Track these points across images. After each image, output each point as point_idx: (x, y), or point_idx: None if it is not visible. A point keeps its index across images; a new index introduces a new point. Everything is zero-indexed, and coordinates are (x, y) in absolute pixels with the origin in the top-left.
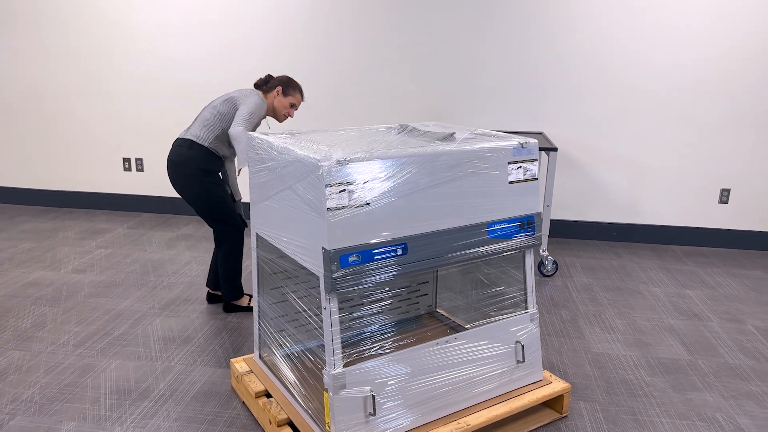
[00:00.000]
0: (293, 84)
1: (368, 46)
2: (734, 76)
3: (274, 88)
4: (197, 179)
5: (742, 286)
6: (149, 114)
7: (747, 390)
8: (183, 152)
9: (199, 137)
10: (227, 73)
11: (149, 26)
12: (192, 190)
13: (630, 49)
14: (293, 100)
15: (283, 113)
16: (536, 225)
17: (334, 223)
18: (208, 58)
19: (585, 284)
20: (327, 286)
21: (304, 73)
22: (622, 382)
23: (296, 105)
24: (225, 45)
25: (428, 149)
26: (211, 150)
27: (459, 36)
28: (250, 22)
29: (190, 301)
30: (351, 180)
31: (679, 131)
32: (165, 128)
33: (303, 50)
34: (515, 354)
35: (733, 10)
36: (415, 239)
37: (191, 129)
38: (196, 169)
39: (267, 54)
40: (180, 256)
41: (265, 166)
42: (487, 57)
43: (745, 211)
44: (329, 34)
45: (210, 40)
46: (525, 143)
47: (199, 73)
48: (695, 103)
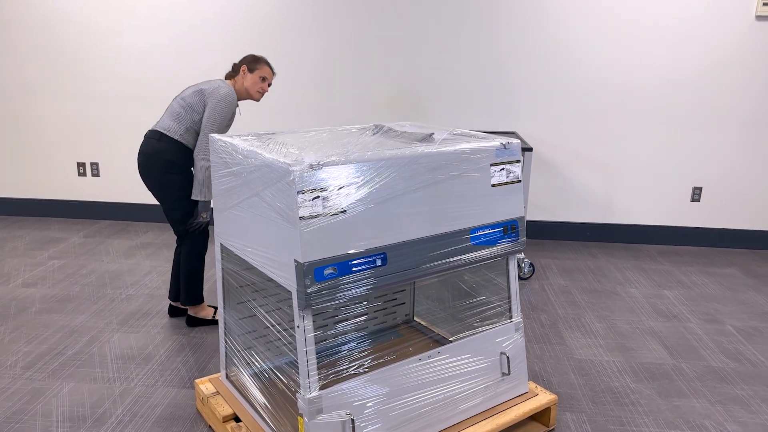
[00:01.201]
0: (257, 58)
1: (337, 44)
2: (704, 76)
3: (239, 70)
4: (164, 172)
5: (717, 285)
6: (104, 115)
7: (733, 394)
8: (152, 144)
9: (168, 129)
10: (187, 71)
11: (102, 23)
12: (158, 183)
13: (602, 49)
14: (262, 74)
15: (257, 90)
16: (520, 230)
17: (307, 233)
18: (166, 55)
19: (562, 287)
20: (300, 302)
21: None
22: (608, 390)
23: (267, 78)
24: (184, 42)
25: (407, 151)
26: (181, 143)
27: (430, 35)
28: (211, 18)
29: (150, 315)
30: (325, 186)
31: (650, 130)
32: (122, 130)
33: (268, 48)
34: (500, 366)
35: (706, 10)
36: (395, 248)
37: (161, 121)
38: (163, 161)
39: (228, 51)
40: (139, 266)
41: (229, 171)
42: (459, 56)
43: (717, 209)
44: (297, 32)
45: (168, 38)
46: (507, 144)
47: (157, 71)
48: (666, 102)
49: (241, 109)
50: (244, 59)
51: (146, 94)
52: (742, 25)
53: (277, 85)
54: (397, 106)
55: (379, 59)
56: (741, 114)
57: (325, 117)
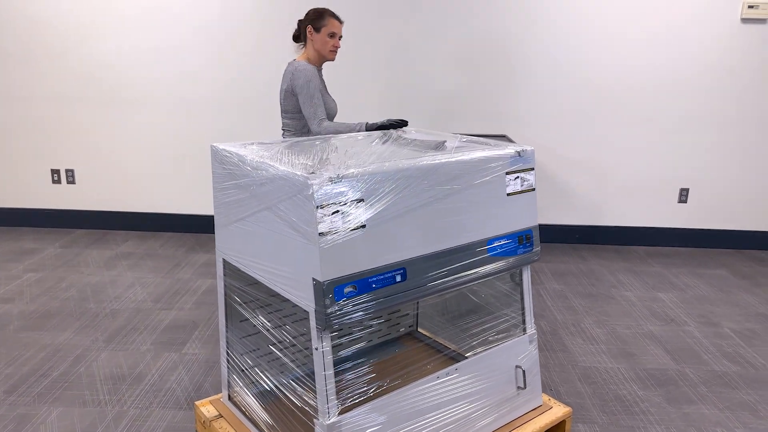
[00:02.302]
0: (320, 13)
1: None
2: (691, 79)
3: (305, 32)
4: None
5: (709, 286)
6: (80, 120)
7: (740, 400)
8: None
9: (287, 125)
10: (168, 74)
11: (77, 24)
12: None
13: (591, 53)
14: (330, 29)
15: (329, 50)
16: (534, 239)
17: (326, 250)
18: (143, 58)
19: (558, 291)
20: (320, 323)
21: (253, 77)
22: (617, 399)
23: (336, 32)
24: (165, 44)
25: (426, 161)
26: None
27: (416, 38)
28: (193, 19)
29: (138, 331)
30: (344, 199)
31: (637, 133)
32: (99, 135)
33: (254, 50)
34: (516, 380)
35: (692, 14)
36: (414, 263)
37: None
38: None
39: (211, 52)
40: (121, 278)
41: (235, 183)
42: (447, 59)
43: (704, 210)
44: (287, 35)
45: (147, 39)
46: (522, 151)
47: (134, 74)
48: (653, 105)
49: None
50: (307, 17)
51: (124, 98)
52: (728, 28)
53: (269, 89)
54: (389, 111)
55: (368, 63)
56: (727, 116)
57: None
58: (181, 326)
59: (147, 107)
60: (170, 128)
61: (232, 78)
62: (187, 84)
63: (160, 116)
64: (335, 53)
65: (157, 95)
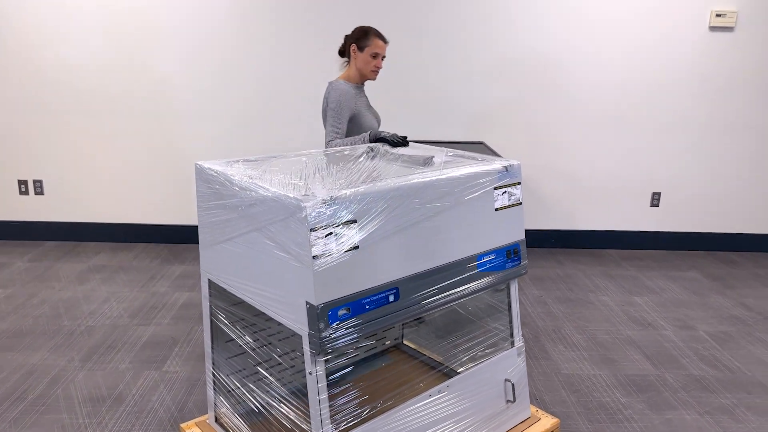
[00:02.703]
0: (365, 32)
1: (297, 55)
2: (661, 85)
3: (350, 49)
4: None
5: (682, 289)
6: (46, 129)
7: (719, 404)
8: None
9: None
10: (137, 82)
11: (45, 31)
12: None
13: (564, 61)
14: (373, 50)
15: (370, 70)
16: (522, 253)
17: (320, 273)
18: (113, 64)
19: (537, 297)
20: (314, 347)
21: (229, 84)
22: (601, 407)
23: (380, 53)
24: (134, 52)
25: (418, 178)
26: None
27: (393, 44)
28: (162, 26)
29: (116, 348)
30: (337, 221)
31: (610, 139)
32: (67, 145)
33: (224, 58)
34: (505, 394)
35: (662, 22)
36: (407, 281)
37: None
38: None
39: (181, 60)
40: (95, 293)
41: (222, 203)
42: (426, 67)
43: (675, 213)
44: (259, 40)
45: (116, 47)
46: (509, 166)
47: (104, 81)
48: (625, 111)
49: (198, 117)
50: (352, 34)
51: (93, 107)
52: (697, 35)
53: (239, 97)
54: None
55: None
56: (695, 121)
57: (291, 129)
58: (160, 342)
59: (117, 115)
60: (142, 136)
61: (207, 85)
62: (159, 91)
63: (131, 124)
64: (376, 73)
65: (127, 103)
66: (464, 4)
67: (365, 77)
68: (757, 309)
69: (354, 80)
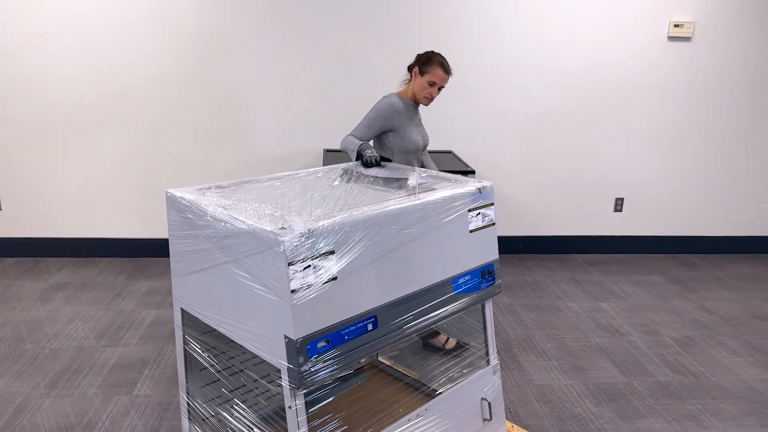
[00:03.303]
0: (430, 58)
1: (262, 65)
2: (622, 93)
3: (413, 70)
4: None
5: (647, 294)
6: (2, 142)
7: (685, 410)
8: None
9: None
10: (99, 93)
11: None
12: None
13: (528, 71)
14: (431, 78)
15: (423, 95)
16: (496, 272)
17: (299, 306)
18: (70, 76)
19: (507, 305)
20: (294, 382)
21: (190, 99)
22: (573, 417)
23: (437, 83)
24: (97, 63)
25: (394, 205)
26: None
27: (355, 53)
28: (127, 35)
29: (83, 372)
30: (315, 253)
31: (574, 146)
32: (24, 158)
33: (187, 66)
34: (482, 412)
35: (622, 32)
36: (385, 309)
37: None
38: None
39: (146, 69)
40: (59, 313)
41: (194, 233)
42: (393, 75)
43: (637, 218)
44: (221, 49)
45: (75, 55)
46: (482, 188)
47: (64, 92)
48: (587, 119)
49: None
50: (418, 58)
51: (52, 119)
52: (656, 45)
53: (204, 107)
54: (329, 128)
55: (307, 80)
56: (656, 128)
57: (258, 139)
58: (129, 365)
59: (77, 128)
60: (104, 149)
61: (168, 97)
62: (120, 103)
63: (91, 136)
64: (429, 101)
65: (88, 116)
66: (426, 14)
67: (418, 101)
68: (717, 312)
69: (408, 98)
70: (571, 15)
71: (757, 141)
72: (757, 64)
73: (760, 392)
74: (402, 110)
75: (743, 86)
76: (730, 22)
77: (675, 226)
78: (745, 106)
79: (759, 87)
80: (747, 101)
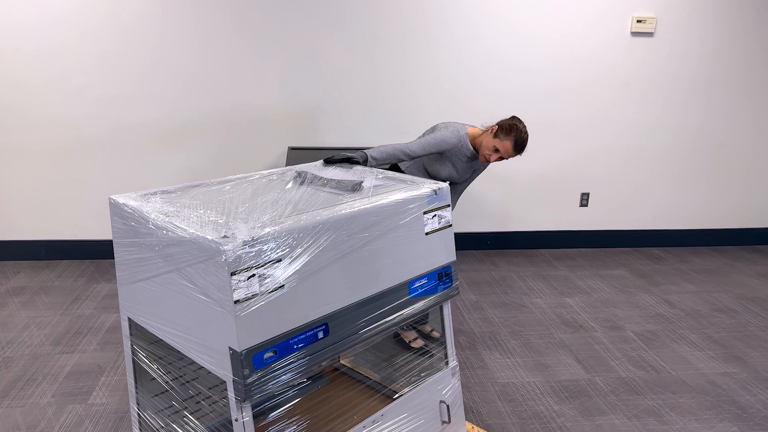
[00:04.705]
0: (510, 130)
1: (213, 57)
2: (586, 88)
3: (495, 126)
4: None
5: (611, 288)
6: None
7: (645, 406)
8: None
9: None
10: (53, 90)
11: None
12: None
13: (494, 64)
14: (499, 145)
15: (484, 153)
16: (453, 274)
17: (243, 317)
18: (27, 75)
19: (474, 302)
20: (239, 395)
21: (147, 97)
22: (534, 416)
23: (501, 152)
24: (45, 61)
25: (343, 210)
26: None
27: (325, 50)
28: (81, 32)
29: (36, 381)
30: (260, 261)
31: (539, 141)
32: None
33: (151, 63)
34: (440, 415)
35: (586, 28)
36: (336, 316)
37: None
38: None
39: (98, 66)
40: (14, 318)
41: (137, 241)
42: (359, 72)
43: (603, 212)
44: (183, 45)
45: (26, 55)
46: (438, 189)
47: (20, 91)
48: (552, 114)
49: (119, 127)
50: (504, 120)
51: (7, 119)
52: (619, 40)
53: (159, 103)
54: (298, 126)
55: (275, 78)
56: (620, 123)
57: (220, 136)
58: (85, 372)
59: (31, 125)
60: (60, 147)
61: (126, 95)
62: (77, 99)
63: (48, 135)
64: (485, 161)
65: (43, 113)
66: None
67: (478, 150)
68: (680, 305)
69: (474, 142)
70: (534, 11)
71: (719, 135)
72: (718, 59)
73: (718, 386)
74: (459, 151)
75: (705, 80)
76: (692, 17)
77: (640, 220)
78: (707, 101)
79: (720, 81)
80: (709, 95)
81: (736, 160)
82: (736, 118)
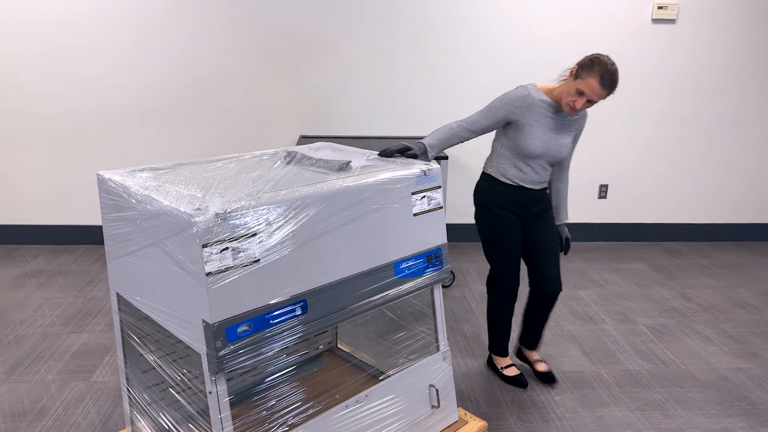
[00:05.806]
0: (592, 64)
1: (226, 45)
2: None
3: (573, 69)
4: (477, 213)
5: (627, 282)
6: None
7: (650, 399)
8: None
9: (485, 164)
10: (65, 79)
11: None
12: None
13: (505, 51)
14: (582, 86)
15: (566, 101)
16: (444, 257)
17: (215, 290)
18: (40, 64)
19: (482, 293)
20: (212, 367)
21: (159, 86)
22: (534, 406)
23: (586, 93)
24: (56, 49)
25: (324, 186)
26: (492, 176)
27: (328, 37)
28: (85, 23)
29: (44, 359)
30: (235, 235)
31: None
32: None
33: (157, 52)
34: (430, 399)
35: (606, 15)
36: (316, 293)
37: None
38: (476, 202)
39: (95, 59)
40: (30, 300)
41: (122, 216)
42: (360, 60)
43: (622, 205)
44: (192, 37)
45: (37, 43)
46: (428, 170)
47: (33, 79)
48: None
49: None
50: (582, 59)
51: (25, 107)
52: (640, 28)
53: (168, 91)
54: (298, 113)
55: (277, 65)
56: (640, 113)
57: (220, 125)
58: (91, 351)
59: (49, 115)
60: (80, 137)
61: (139, 83)
62: (93, 90)
63: (67, 124)
64: (571, 110)
65: (60, 101)
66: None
67: (560, 105)
68: (697, 300)
69: (552, 97)
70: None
71: (743, 125)
72: (742, 46)
73: (730, 381)
74: (533, 105)
75: (728, 69)
76: (716, 2)
77: (660, 213)
78: (732, 90)
79: (744, 69)
80: (732, 84)
81: (761, 152)
82: (762, 108)
